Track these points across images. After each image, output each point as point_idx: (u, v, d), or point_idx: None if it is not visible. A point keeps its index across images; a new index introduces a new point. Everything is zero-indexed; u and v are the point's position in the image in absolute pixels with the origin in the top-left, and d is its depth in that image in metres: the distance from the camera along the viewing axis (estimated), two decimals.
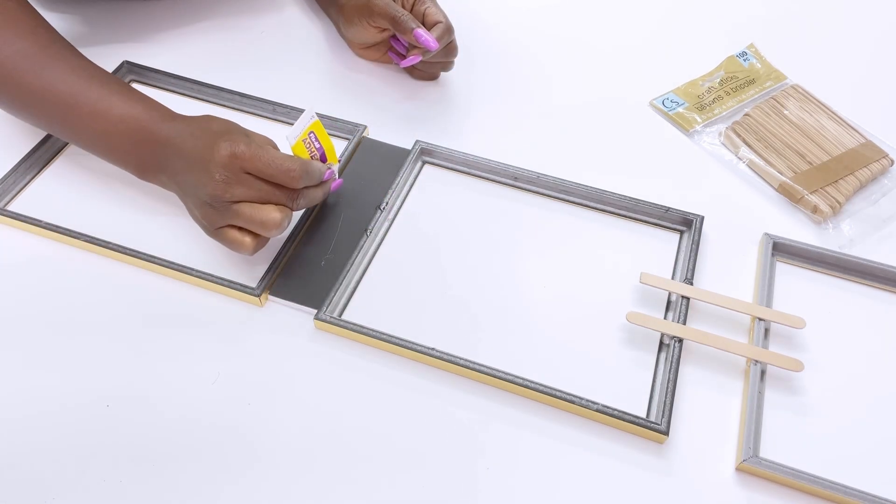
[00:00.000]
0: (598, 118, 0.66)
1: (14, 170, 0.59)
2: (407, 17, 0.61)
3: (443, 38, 0.61)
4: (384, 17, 0.62)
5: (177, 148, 0.50)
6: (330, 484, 0.44)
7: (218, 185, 0.47)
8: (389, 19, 0.62)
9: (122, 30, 0.72)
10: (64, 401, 0.48)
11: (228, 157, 0.47)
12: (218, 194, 0.47)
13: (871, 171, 0.59)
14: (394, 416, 0.47)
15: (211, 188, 0.47)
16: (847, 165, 0.59)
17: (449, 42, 0.63)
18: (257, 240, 0.49)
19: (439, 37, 0.61)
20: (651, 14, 0.76)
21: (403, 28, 0.61)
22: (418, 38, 0.60)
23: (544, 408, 0.48)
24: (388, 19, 0.62)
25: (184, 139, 0.49)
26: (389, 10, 0.62)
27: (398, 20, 0.61)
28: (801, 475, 0.43)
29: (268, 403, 0.48)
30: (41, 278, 0.54)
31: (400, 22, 0.61)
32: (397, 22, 0.61)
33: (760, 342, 0.50)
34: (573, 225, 0.58)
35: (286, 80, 0.68)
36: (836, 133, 0.62)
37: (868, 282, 0.54)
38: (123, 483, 0.44)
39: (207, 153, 0.47)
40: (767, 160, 0.60)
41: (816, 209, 0.57)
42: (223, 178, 0.47)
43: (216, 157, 0.47)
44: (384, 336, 0.49)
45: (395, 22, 0.61)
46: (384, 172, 0.60)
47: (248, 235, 0.49)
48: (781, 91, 0.66)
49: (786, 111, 0.63)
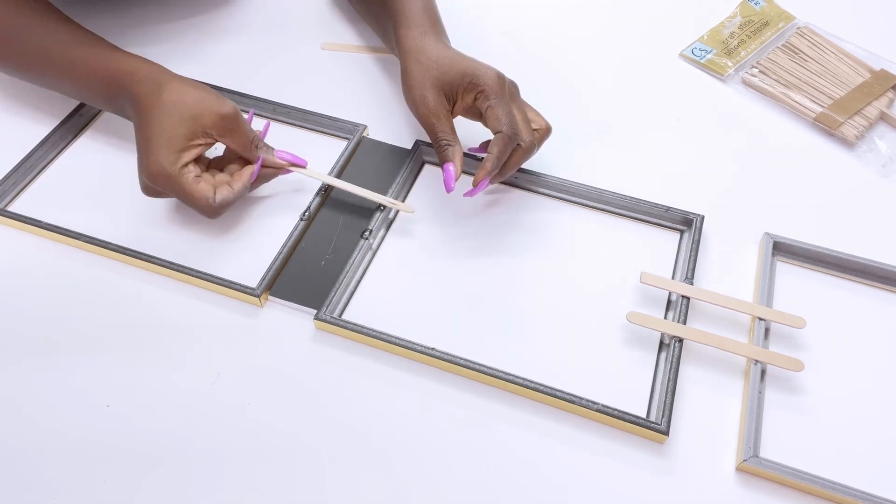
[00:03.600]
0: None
1: (14, 170, 0.59)
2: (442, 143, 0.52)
3: (501, 153, 0.50)
4: (424, 122, 0.54)
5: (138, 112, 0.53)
6: (330, 483, 0.44)
7: (144, 186, 0.53)
8: (428, 130, 0.53)
9: (123, 30, 0.72)
10: (64, 401, 0.48)
11: (152, 176, 0.51)
12: (144, 192, 0.53)
13: (889, 98, 0.65)
14: (394, 415, 0.47)
15: (140, 181, 0.53)
16: (869, 92, 0.65)
17: (515, 152, 0.52)
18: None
19: (497, 152, 0.50)
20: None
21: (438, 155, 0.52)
22: (445, 173, 0.51)
23: (544, 408, 0.48)
24: (427, 129, 0.53)
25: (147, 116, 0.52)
26: (430, 118, 0.53)
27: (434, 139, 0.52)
28: (801, 475, 0.43)
29: (268, 403, 0.48)
30: (41, 278, 0.54)
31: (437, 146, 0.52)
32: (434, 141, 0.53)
33: (760, 342, 0.50)
34: (573, 225, 0.58)
35: (286, 80, 0.68)
36: (848, 69, 0.67)
37: (868, 282, 0.54)
38: (123, 483, 0.44)
39: (143, 157, 0.51)
40: (794, 98, 0.66)
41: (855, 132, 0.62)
42: (145, 187, 0.53)
43: (145, 170, 0.51)
44: (384, 336, 0.49)
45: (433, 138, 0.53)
46: (384, 172, 0.60)
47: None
48: (794, 33, 0.71)
49: (800, 54, 0.68)
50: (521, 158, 0.53)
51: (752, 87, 0.68)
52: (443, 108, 0.53)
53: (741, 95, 0.68)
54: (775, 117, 0.66)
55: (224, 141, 0.53)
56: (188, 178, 0.51)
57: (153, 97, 0.52)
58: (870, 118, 0.64)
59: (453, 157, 0.52)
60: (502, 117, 0.50)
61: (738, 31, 0.72)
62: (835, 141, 0.64)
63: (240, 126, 0.53)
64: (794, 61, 0.69)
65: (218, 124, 0.52)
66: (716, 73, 0.69)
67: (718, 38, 0.72)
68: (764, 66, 0.69)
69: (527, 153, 0.53)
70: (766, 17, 0.74)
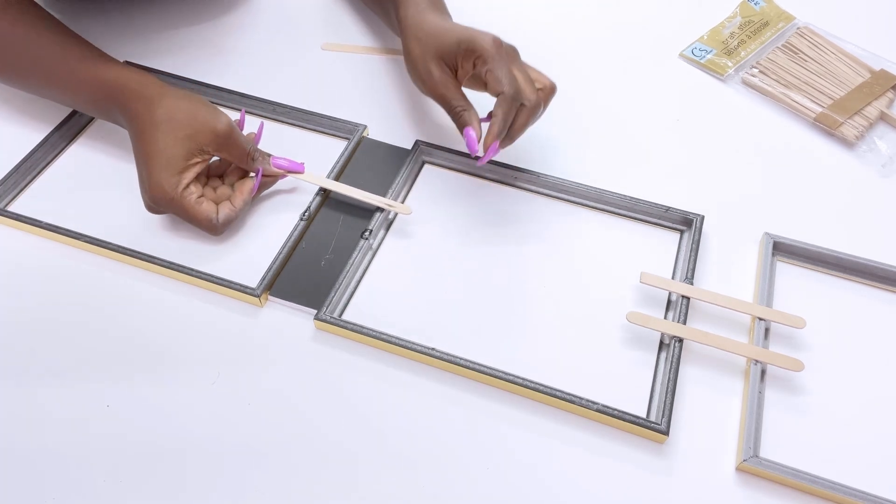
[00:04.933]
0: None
1: (14, 170, 0.59)
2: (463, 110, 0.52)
3: (506, 115, 0.50)
4: (434, 94, 0.54)
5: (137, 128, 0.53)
6: (330, 484, 0.44)
7: (147, 206, 0.54)
8: (440, 101, 0.53)
9: (123, 30, 0.72)
10: (64, 401, 0.48)
11: (155, 199, 0.52)
12: (147, 210, 0.54)
13: (889, 98, 0.65)
14: (394, 415, 0.47)
15: (143, 200, 0.53)
16: (869, 92, 0.65)
17: (521, 113, 0.51)
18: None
19: (501, 114, 0.49)
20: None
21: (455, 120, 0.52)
22: (466, 138, 0.51)
23: (544, 408, 0.48)
24: (439, 100, 0.54)
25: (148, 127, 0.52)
26: (438, 89, 0.53)
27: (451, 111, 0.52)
28: (801, 475, 0.43)
29: (268, 403, 0.48)
30: (41, 278, 0.54)
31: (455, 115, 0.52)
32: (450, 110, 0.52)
33: (760, 342, 0.50)
34: (573, 225, 0.58)
35: (286, 80, 0.68)
36: (848, 69, 0.67)
37: (868, 282, 0.54)
38: (123, 483, 0.44)
39: (144, 179, 0.52)
40: (794, 99, 0.66)
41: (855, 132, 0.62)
42: (148, 207, 0.53)
43: (147, 193, 0.52)
44: (384, 336, 0.49)
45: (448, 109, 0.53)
46: (384, 172, 0.60)
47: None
48: (794, 33, 0.71)
49: (800, 54, 0.68)
50: (527, 118, 0.52)
51: (752, 87, 0.68)
52: (449, 78, 0.53)
53: (741, 95, 0.68)
54: (775, 117, 0.66)
55: (221, 155, 0.54)
56: (190, 199, 0.52)
57: (146, 114, 0.52)
58: (870, 118, 0.64)
59: (471, 120, 0.51)
60: (502, 78, 0.49)
61: (738, 32, 0.72)
62: (835, 141, 0.64)
63: (236, 140, 0.54)
64: (793, 61, 0.69)
65: (214, 141, 0.53)
66: (716, 73, 0.69)
67: (718, 38, 0.72)
68: (764, 67, 0.69)
69: (532, 112, 0.52)
70: (766, 18, 0.74)
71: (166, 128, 0.52)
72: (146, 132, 0.52)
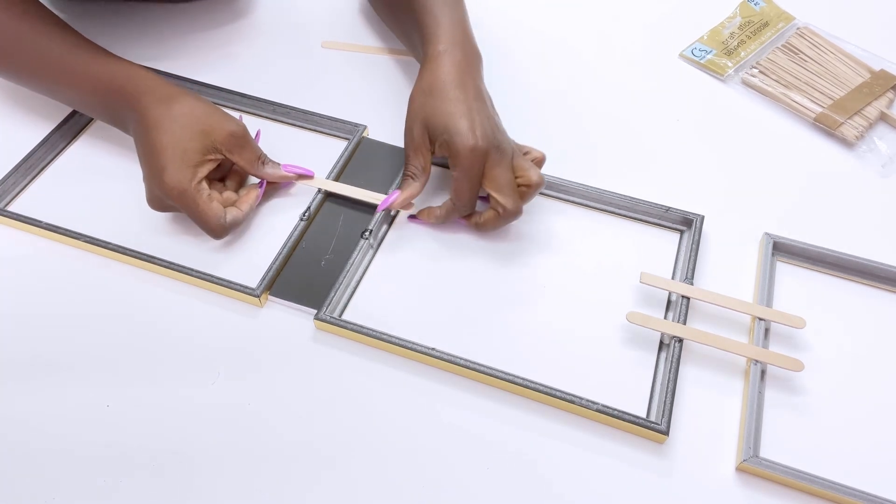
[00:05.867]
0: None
1: (14, 170, 0.59)
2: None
3: (446, 217, 0.54)
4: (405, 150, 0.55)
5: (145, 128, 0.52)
6: (330, 484, 0.44)
7: (154, 199, 0.53)
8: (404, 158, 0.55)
9: (123, 30, 0.72)
10: (64, 400, 0.48)
11: (167, 189, 0.51)
12: (151, 205, 0.53)
13: (889, 98, 0.65)
14: (394, 415, 0.47)
15: (149, 193, 0.53)
16: (869, 92, 0.65)
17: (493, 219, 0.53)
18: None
19: (443, 215, 0.54)
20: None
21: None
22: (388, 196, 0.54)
23: (544, 408, 0.48)
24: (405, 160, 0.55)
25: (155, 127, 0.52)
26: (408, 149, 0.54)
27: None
28: (801, 475, 0.43)
29: (268, 403, 0.48)
30: (41, 278, 0.54)
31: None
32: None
33: (760, 342, 0.50)
34: (573, 225, 0.58)
35: (286, 80, 0.68)
36: (848, 69, 0.68)
37: (868, 282, 0.54)
38: (123, 483, 0.44)
39: (156, 169, 0.51)
40: (794, 99, 0.66)
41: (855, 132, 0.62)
42: (156, 199, 0.53)
43: (160, 183, 0.51)
44: (384, 336, 0.49)
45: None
46: (384, 172, 0.60)
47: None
48: (794, 34, 0.71)
49: (800, 54, 0.68)
50: (497, 223, 0.53)
51: (752, 87, 0.68)
52: (423, 146, 0.53)
53: (741, 96, 0.68)
54: (775, 117, 0.66)
55: (232, 157, 0.54)
56: (203, 195, 0.52)
57: (163, 109, 0.52)
58: (870, 118, 0.64)
59: (406, 188, 0.54)
60: (458, 190, 0.51)
61: (738, 32, 0.72)
62: (835, 141, 0.64)
63: (248, 143, 0.55)
64: (793, 62, 0.69)
65: (227, 141, 0.53)
66: (716, 73, 0.69)
67: (718, 38, 0.72)
68: (764, 67, 0.69)
69: (505, 219, 0.52)
70: (766, 18, 0.74)
71: (184, 122, 0.52)
72: (161, 125, 0.51)
